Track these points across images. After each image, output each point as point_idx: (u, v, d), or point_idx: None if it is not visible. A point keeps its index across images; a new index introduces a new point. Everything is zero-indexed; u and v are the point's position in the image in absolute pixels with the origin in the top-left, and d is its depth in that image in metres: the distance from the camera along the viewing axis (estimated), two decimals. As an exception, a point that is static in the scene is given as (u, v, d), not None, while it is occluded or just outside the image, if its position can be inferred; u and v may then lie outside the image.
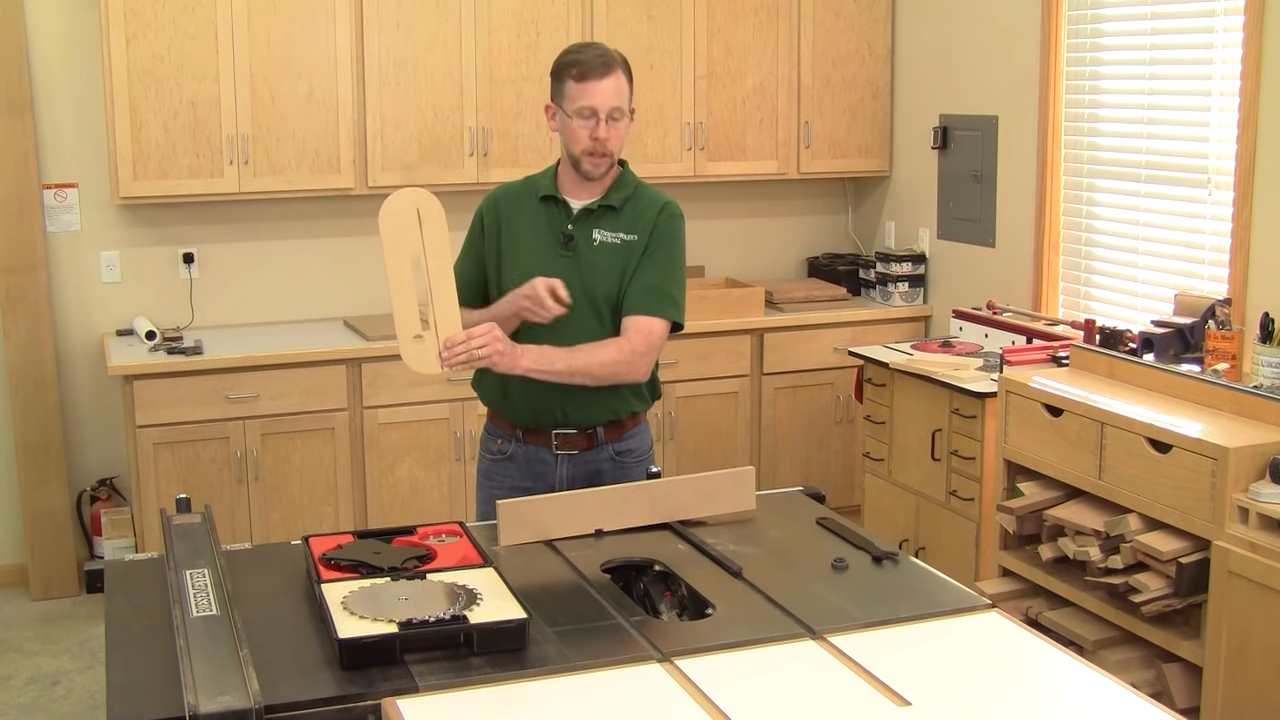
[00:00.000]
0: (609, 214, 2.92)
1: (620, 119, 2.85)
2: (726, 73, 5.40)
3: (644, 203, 2.95)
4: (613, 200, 2.92)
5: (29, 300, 4.83)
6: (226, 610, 2.14)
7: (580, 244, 2.91)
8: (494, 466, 3.04)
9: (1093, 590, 3.59)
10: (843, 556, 2.52)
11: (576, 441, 2.96)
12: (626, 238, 2.91)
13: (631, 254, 2.91)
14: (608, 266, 2.90)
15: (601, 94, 2.81)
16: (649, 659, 2.11)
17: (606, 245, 2.90)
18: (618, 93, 2.83)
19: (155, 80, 4.65)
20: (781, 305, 5.44)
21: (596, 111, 2.81)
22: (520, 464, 2.99)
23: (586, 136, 2.83)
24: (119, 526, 4.87)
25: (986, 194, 5.13)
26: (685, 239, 2.99)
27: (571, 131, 2.85)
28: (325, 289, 5.24)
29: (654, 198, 2.97)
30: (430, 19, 4.94)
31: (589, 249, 2.90)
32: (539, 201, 2.94)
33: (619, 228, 2.91)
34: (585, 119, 2.82)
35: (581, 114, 2.82)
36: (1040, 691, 2.06)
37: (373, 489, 4.84)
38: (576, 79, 2.82)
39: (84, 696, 4.14)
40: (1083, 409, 3.60)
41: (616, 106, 2.83)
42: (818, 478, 5.38)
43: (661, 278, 2.91)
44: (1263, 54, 3.85)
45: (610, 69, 2.82)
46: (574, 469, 2.97)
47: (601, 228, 2.91)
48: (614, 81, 2.82)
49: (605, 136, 2.83)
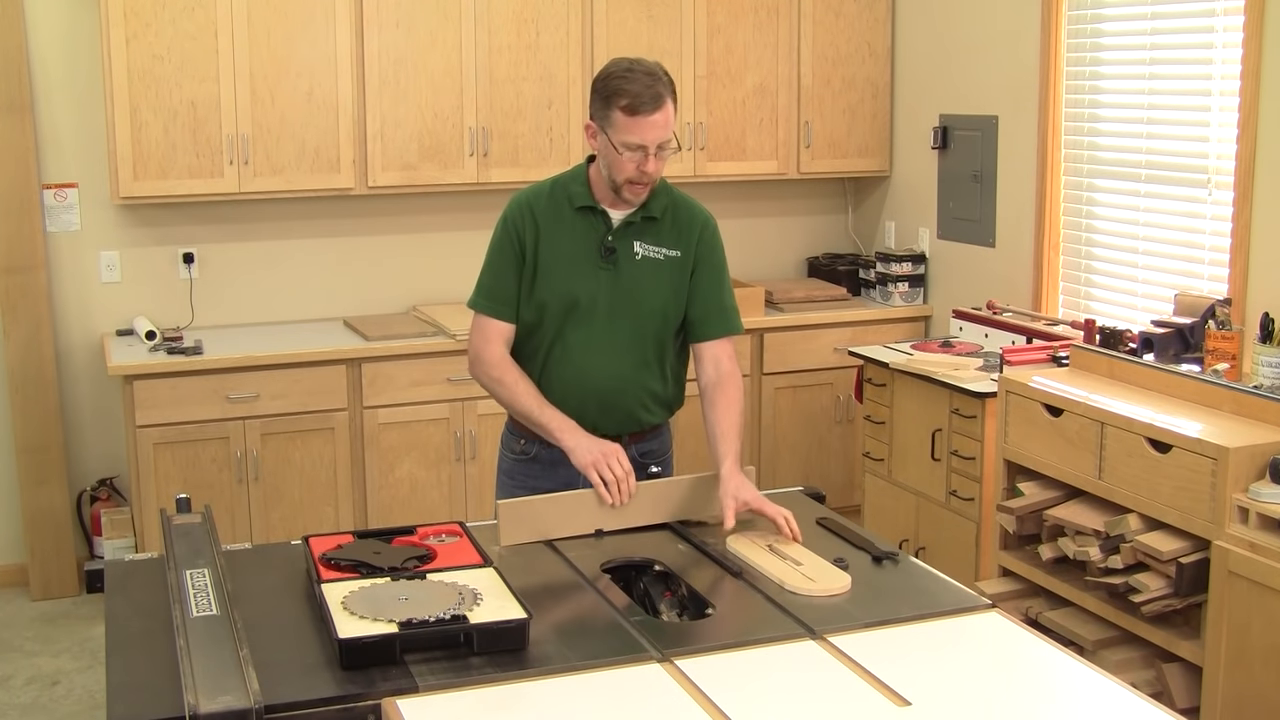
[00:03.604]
0: (650, 225, 2.87)
1: (667, 148, 2.75)
2: (726, 73, 5.40)
3: (683, 214, 2.91)
4: (654, 210, 2.86)
5: (29, 300, 4.83)
6: (226, 610, 2.14)
7: (621, 257, 2.85)
8: (517, 466, 3.02)
9: (1093, 590, 3.59)
10: (843, 556, 2.52)
11: None
12: (670, 253, 2.87)
13: (676, 270, 2.87)
14: (651, 282, 2.85)
15: (652, 129, 2.69)
16: (649, 659, 2.11)
17: (649, 260, 2.86)
18: (667, 125, 2.73)
19: (155, 80, 4.65)
20: (781, 305, 5.44)
21: (646, 147, 2.72)
22: (543, 465, 2.96)
23: (633, 169, 2.74)
24: (119, 526, 4.87)
25: (986, 194, 5.13)
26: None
27: (617, 162, 2.75)
28: (325, 289, 5.24)
29: (692, 209, 2.93)
30: (430, 19, 4.94)
31: (630, 263, 2.85)
32: (575, 211, 2.86)
33: (661, 241, 2.87)
34: (633, 152, 2.73)
35: (629, 147, 2.72)
36: (1040, 691, 2.06)
37: (373, 489, 4.84)
38: (627, 111, 2.69)
39: (84, 696, 4.14)
40: (1083, 409, 3.60)
41: (666, 140, 2.74)
42: (818, 478, 5.38)
43: (727, 295, 2.94)
44: (1263, 54, 3.85)
45: (660, 102, 2.70)
46: None
47: (644, 240, 2.86)
48: (664, 115, 2.70)
49: (653, 171, 2.75)
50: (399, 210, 5.27)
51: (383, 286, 5.32)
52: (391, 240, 5.32)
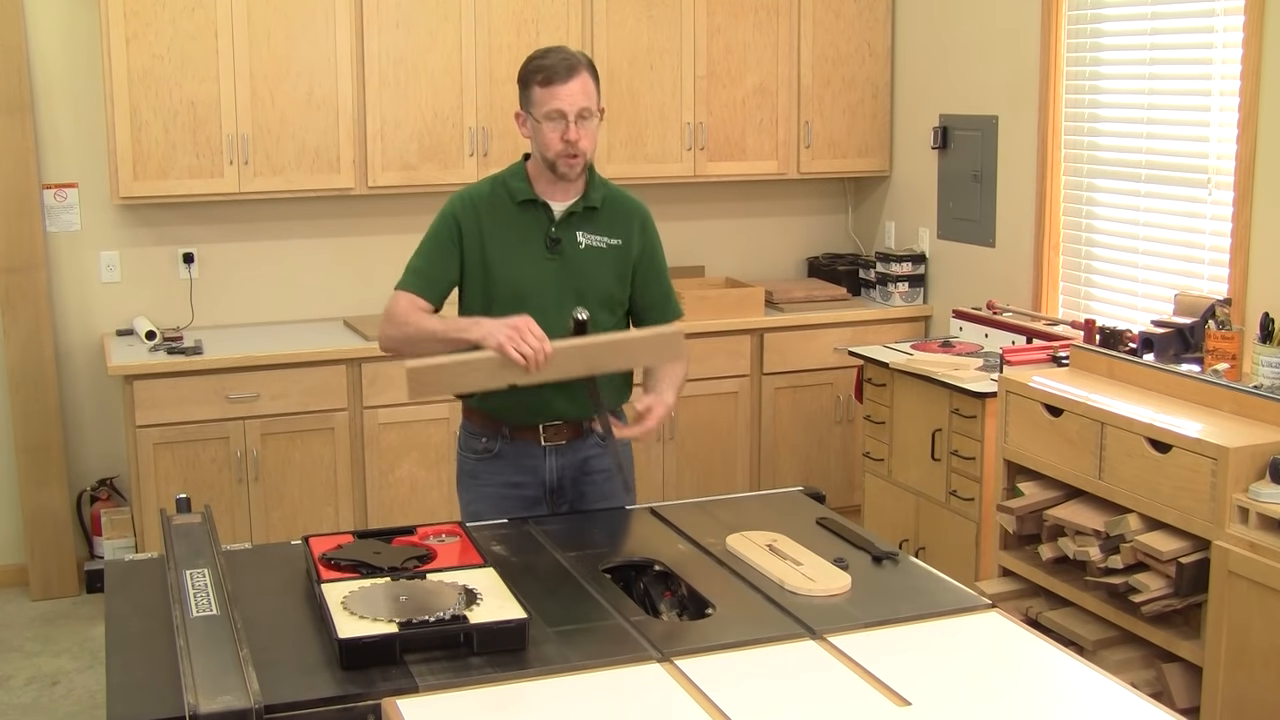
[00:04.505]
0: (591, 214, 2.97)
1: (589, 118, 2.88)
2: (726, 73, 5.40)
3: (620, 206, 3.02)
4: (593, 200, 2.97)
5: (29, 300, 4.83)
6: (226, 610, 2.14)
7: (566, 246, 2.95)
8: (480, 465, 3.05)
9: (1093, 590, 3.59)
10: (843, 556, 2.52)
11: (564, 432, 2.99)
12: (611, 241, 2.98)
13: (619, 258, 2.98)
14: (595, 269, 2.96)
15: (568, 96, 2.83)
16: (649, 659, 2.11)
17: (593, 249, 2.96)
18: (584, 93, 2.86)
19: (155, 80, 4.65)
20: (781, 305, 5.44)
21: (565, 114, 2.84)
22: (509, 460, 3.00)
23: (558, 139, 2.85)
24: (119, 526, 4.87)
25: (986, 194, 5.12)
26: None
27: (543, 136, 2.87)
28: (325, 289, 5.24)
29: (629, 202, 3.05)
30: (430, 19, 4.94)
31: (575, 251, 2.95)
32: (517, 206, 2.96)
33: (601, 230, 2.97)
34: (554, 121, 2.85)
35: (550, 117, 2.85)
36: (1040, 691, 2.06)
37: (373, 489, 4.84)
38: (542, 84, 2.84)
39: (84, 696, 4.14)
40: (1083, 409, 3.60)
41: (585, 107, 2.86)
42: (818, 478, 5.38)
43: (667, 284, 3.11)
44: (1263, 54, 3.85)
45: (575, 71, 2.84)
46: (563, 459, 3.00)
47: (585, 230, 2.97)
48: (580, 83, 2.85)
49: (576, 138, 2.85)
50: (399, 210, 5.27)
51: (383, 286, 5.24)
52: (391, 240, 5.30)
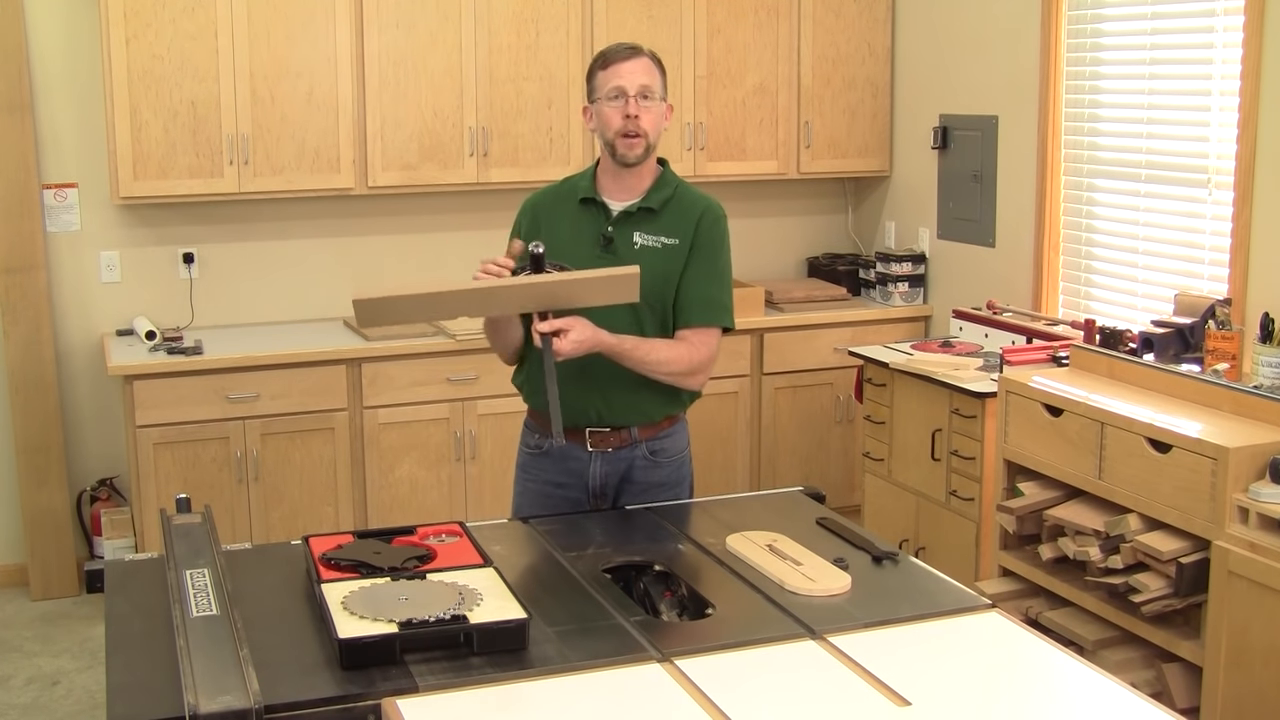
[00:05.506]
0: (648, 216, 2.91)
1: (652, 99, 2.85)
2: (726, 73, 5.40)
3: (685, 204, 2.94)
4: (652, 202, 2.91)
5: (29, 300, 4.83)
6: (226, 610, 2.14)
7: (620, 246, 2.89)
8: (530, 460, 3.06)
9: (1093, 590, 3.59)
10: (843, 556, 2.52)
11: (610, 439, 2.95)
12: (668, 241, 2.90)
13: (672, 258, 2.90)
14: (648, 270, 2.86)
15: (629, 74, 2.84)
16: (649, 659, 2.11)
17: (647, 249, 2.89)
18: (646, 72, 2.86)
19: (155, 80, 4.65)
20: (781, 305, 5.44)
21: (625, 90, 2.83)
22: (555, 459, 2.99)
23: (618, 117, 2.84)
24: (119, 526, 4.87)
25: (986, 194, 5.12)
26: (729, 240, 2.98)
27: (604, 118, 2.87)
28: (325, 289, 5.24)
29: (695, 199, 2.96)
30: (430, 19, 4.94)
31: (629, 252, 2.89)
32: (578, 204, 2.94)
33: (659, 231, 2.91)
34: (614, 99, 2.84)
35: (610, 96, 2.85)
36: (1040, 691, 2.06)
37: (373, 489, 4.84)
38: (603, 67, 2.87)
39: (84, 696, 4.14)
40: (1083, 409, 3.60)
41: (645, 85, 2.85)
42: (818, 478, 5.38)
43: (714, 286, 2.93)
44: (1263, 54, 3.85)
45: (636, 53, 2.87)
46: (607, 465, 2.97)
47: (642, 230, 2.91)
48: (640, 63, 2.86)
49: (636, 114, 2.83)
50: (399, 210, 5.27)
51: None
52: (391, 240, 5.32)
